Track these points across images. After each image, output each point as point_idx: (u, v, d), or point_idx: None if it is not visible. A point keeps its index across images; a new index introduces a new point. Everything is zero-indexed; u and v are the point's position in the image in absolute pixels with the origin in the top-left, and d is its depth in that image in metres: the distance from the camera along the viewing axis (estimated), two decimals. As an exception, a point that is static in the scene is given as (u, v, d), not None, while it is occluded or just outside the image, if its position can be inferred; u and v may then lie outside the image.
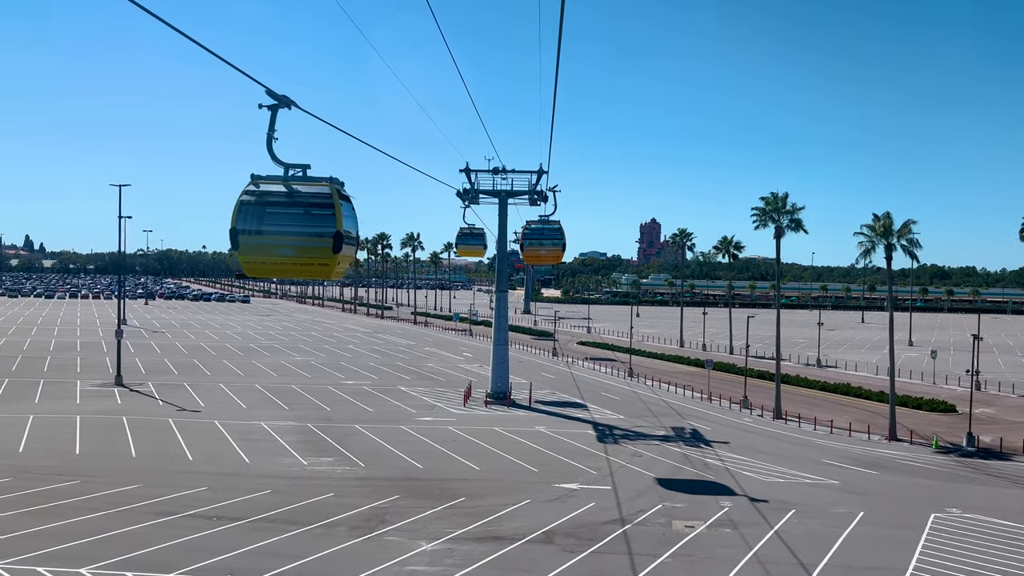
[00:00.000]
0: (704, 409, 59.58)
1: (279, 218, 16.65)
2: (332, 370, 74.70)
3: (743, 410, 58.98)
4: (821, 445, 48.11)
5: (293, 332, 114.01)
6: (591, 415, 55.72)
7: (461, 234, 67.44)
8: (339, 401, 58.19)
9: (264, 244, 16.69)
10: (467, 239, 67.54)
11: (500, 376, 59.26)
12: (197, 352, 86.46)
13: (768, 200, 55.75)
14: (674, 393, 66.58)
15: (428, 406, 57.04)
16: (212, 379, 67.31)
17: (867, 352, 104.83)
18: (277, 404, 56.57)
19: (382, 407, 56.31)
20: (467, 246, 68.43)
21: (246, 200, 16.83)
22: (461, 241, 68.03)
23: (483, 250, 69.43)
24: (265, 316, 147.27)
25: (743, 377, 74.10)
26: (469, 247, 68.53)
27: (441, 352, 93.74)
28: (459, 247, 69.65)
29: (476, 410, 56.11)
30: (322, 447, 43.52)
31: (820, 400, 65.08)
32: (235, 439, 44.92)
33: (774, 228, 56.01)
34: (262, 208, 16.73)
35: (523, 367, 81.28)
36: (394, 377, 71.39)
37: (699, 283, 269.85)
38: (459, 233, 67.55)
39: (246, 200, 16.83)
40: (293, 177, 17.00)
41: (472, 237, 67.26)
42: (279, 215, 16.65)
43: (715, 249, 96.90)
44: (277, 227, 16.62)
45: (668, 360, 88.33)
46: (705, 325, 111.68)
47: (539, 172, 57.90)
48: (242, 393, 60.59)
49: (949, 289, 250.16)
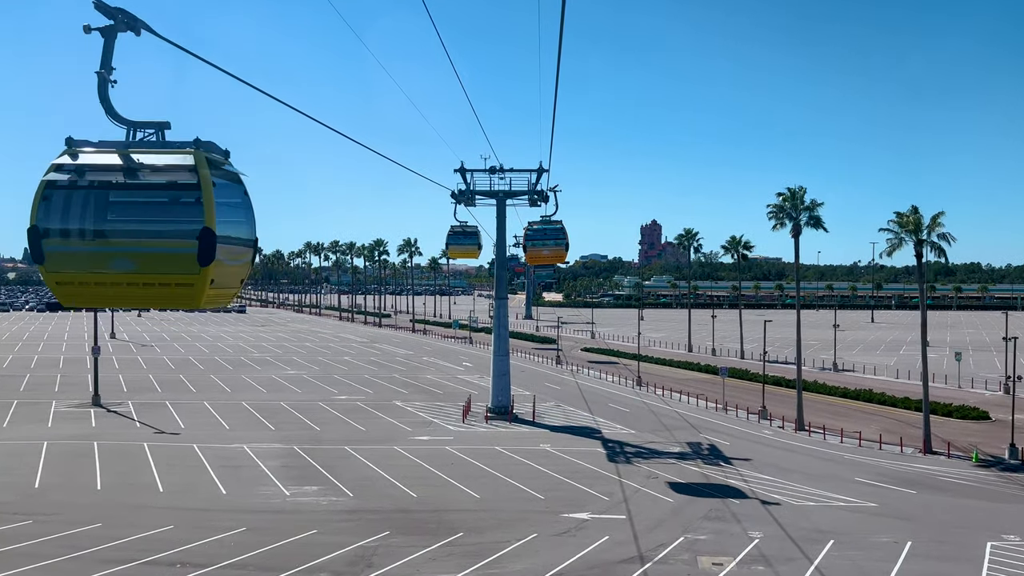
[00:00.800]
0: (720, 421, 55.80)
1: (112, 209, 10.79)
2: (325, 384, 70.96)
3: (762, 421, 55.20)
4: (851, 460, 44.29)
5: (287, 343, 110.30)
6: (600, 430, 51.95)
7: (452, 233, 61.95)
8: (330, 419, 54.44)
9: (85, 254, 10.95)
10: (459, 239, 61.98)
11: (501, 389, 55.50)
12: (184, 367, 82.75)
13: (785, 196, 52.01)
14: (686, 403, 62.78)
15: (425, 423, 53.28)
16: (197, 396, 63.57)
17: (883, 354, 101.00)
18: (263, 424, 52.84)
19: (375, 425, 52.57)
20: (459, 246, 62.74)
21: (55, 182, 11.05)
22: (453, 241, 62.26)
23: (477, 250, 63.87)
24: (260, 327, 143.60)
25: (759, 384, 70.23)
26: (462, 247, 62.96)
27: (440, 362, 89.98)
28: (450, 248, 63.64)
29: (476, 427, 52.34)
30: (307, 474, 39.75)
31: (842, 408, 61.28)
32: (213, 466, 41.17)
33: (791, 226, 52.26)
34: (80, 195, 10.84)
35: (526, 377, 77.52)
36: (390, 391, 67.65)
37: (703, 284, 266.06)
38: (450, 232, 61.99)
39: (55, 182, 11.05)
40: (137, 144, 11.33)
41: (465, 236, 61.77)
42: (112, 205, 10.82)
43: (723, 249, 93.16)
44: (108, 225, 10.77)
45: (677, 367, 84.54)
46: (714, 329, 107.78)
47: (539, 171, 54.29)
48: (227, 412, 56.87)
49: (957, 286, 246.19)
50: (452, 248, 63.30)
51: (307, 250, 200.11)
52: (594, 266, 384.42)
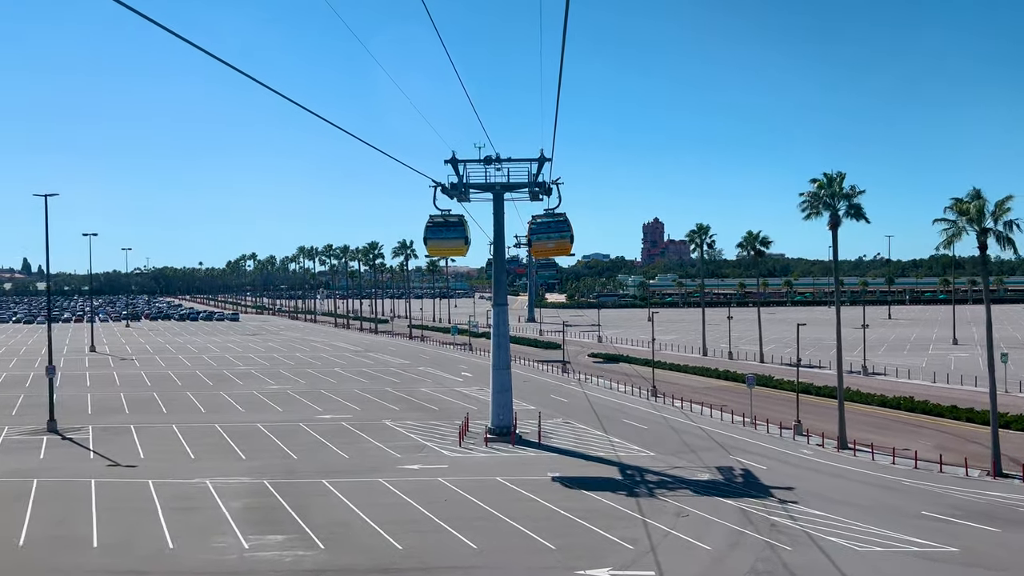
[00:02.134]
0: (750, 438, 49.52)
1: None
2: (310, 401, 64.77)
3: (797, 437, 48.93)
4: (911, 488, 38.01)
5: (276, 354, 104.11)
6: (615, 451, 45.72)
7: (432, 224, 51.08)
8: (309, 445, 48.25)
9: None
10: (440, 231, 51.05)
11: (502, 408, 49.27)
12: (161, 383, 76.63)
13: (820, 183, 45.67)
14: (708, 417, 56.50)
15: (416, 447, 47.07)
16: (166, 418, 57.46)
17: (911, 354, 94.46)
18: (234, 451, 46.69)
19: (361, 451, 46.37)
20: (440, 241, 51.51)
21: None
22: (432, 234, 51.16)
23: (463, 245, 52.21)
24: (250, 336, 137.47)
25: (785, 393, 64.26)
26: (444, 242, 51.74)
27: (437, 372, 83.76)
28: (429, 243, 51.98)
29: (474, 451, 46.11)
30: (274, 517, 33.56)
31: (882, 419, 55.05)
32: (165, 508, 34.99)
33: (828, 217, 45.98)
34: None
35: (530, 389, 71.28)
36: (380, 408, 61.46)
37: (709, 282, 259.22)
38: (429, 223, 51.13)
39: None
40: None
41: (447, 228, 50.99)
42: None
43: (739, 247, 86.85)
44: None
45: (693, 373, 78.28)
46: (730, 330, 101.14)
47: (540, 160, 48.08)
48: (196, 437, 50.75)
49: (971, 279, 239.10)
50: (432, 243, 51.76)
51: (301, 254, 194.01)
52: (597, 266, 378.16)
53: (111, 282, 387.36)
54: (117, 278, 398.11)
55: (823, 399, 61.99)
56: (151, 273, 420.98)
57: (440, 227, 50.93)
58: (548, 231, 51.60)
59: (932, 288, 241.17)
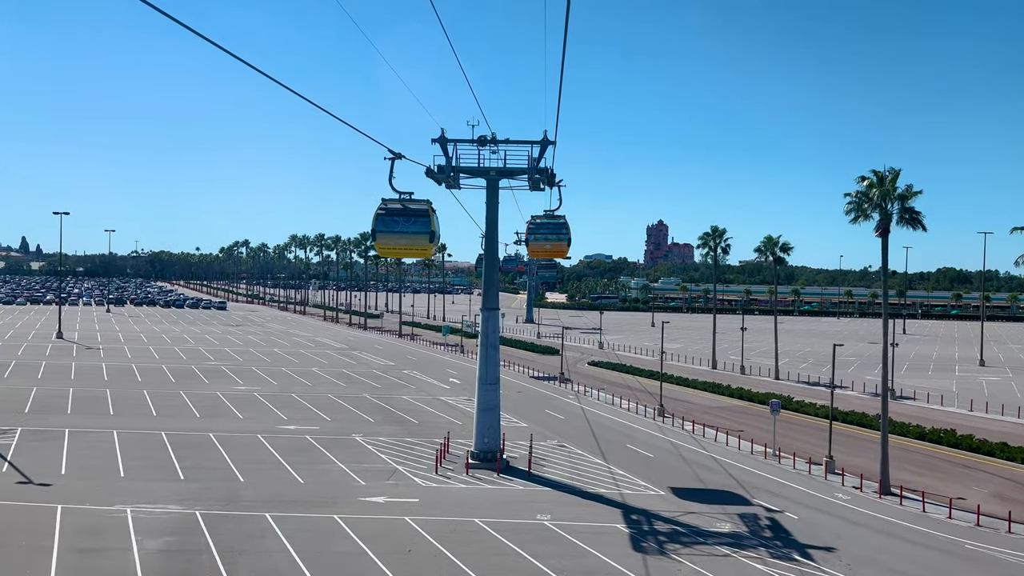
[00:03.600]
0: (772, 474, 42.68)
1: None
2: (277, 406, 57.99)
3: (830, 477, 42.06)
4: (979, 555, 31.14)
5: (254, 348, 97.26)
6: (617, 487, 38.94)
7: (384, 212, 38.84)
8: (263, 464, 41.46)
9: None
10: (395, 223, 38.71)
11: (487, 429, 42.40)
12: (121, 377, 69.88)
13: (871, 181, 38.73)
14: (723, 445, 49.62)
15: (385, 472, 40.27)
16: (109, 422, 50.71)
17: (936, 376, 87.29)
18: (173, 469, 39.94)
19: (320, 475, 39.58)
20: (395, 235, 38.86)
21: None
22: (384, 225, 38.83)
23: (426, 244, 39.28)
24: (233, 326, 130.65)
25: (809, 419, 57.62)
26: (399, 237, 38.88)
27: (422, 377, 76.89)
28: (380, 236, 39.28)
29: (452, 480, 39.30)
30: (191, 571, 26.79)
31: (923, 456, 48.21)
32: (64, 549, 28.30)
33: (877, 221, 39.09)
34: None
35: (523, 401, 64.46)
36: (353, 418, 54.67)
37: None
38: (379, 210, 38.98)
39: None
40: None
41: (405, 218, 38.61)
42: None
43: (757, 251, 80.00)
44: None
45: (703, 389, 71.38)
46: (743, 343, 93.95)
47: (542, 143, 41.17)
48: (135, 448, 44.04)
49: (986, 295, 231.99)
50: (383, 239, 38.93)
51: (292, 243, 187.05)
52: (599, 266, 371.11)
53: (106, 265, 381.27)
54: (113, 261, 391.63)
55: (852, 428, 55.22)
56: (147, 257, 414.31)
57: (396, 216, 38.60)
58: (546, 233, 51.28)
59: (943, 302, 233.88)
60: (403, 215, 38.84)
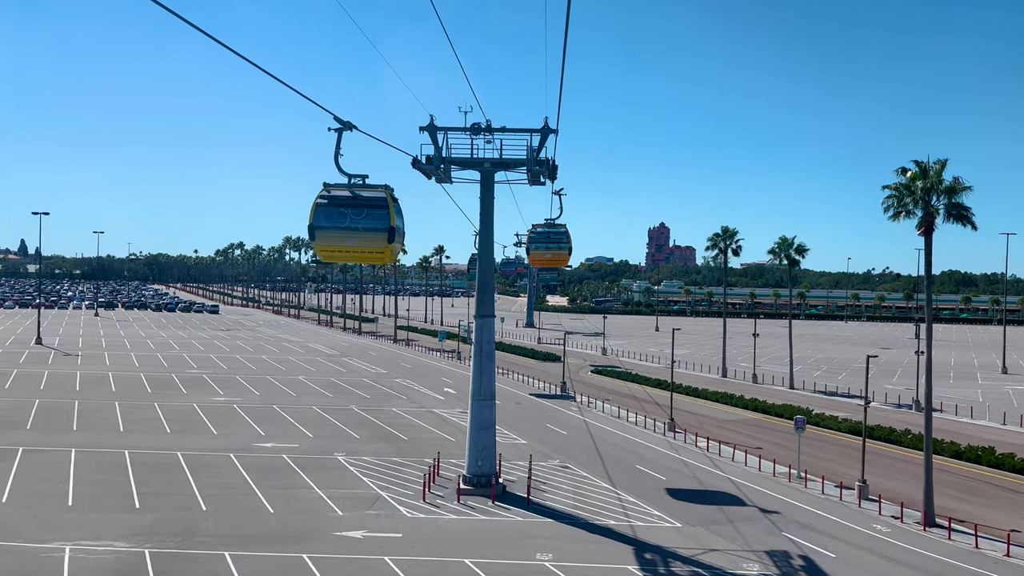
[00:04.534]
0: (799, 501, 38.26)
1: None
2: (256, 420, 53.64)
3: (864, 503, 37.63)
4: (1052, 604, 26.75)
5: (240, 355, 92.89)
6: (627, 517, 34.55)
7: (325, 202, 28.79)
8: (231, 489, 37.07)
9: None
10: (340, 215, 28.60)
11: (482, 451, 38.00)
12: (93, 387, 65.57)
13: (914, 173, 34.34)
14: (742, 465, 45.16)
15: (367, 500, 35.89)
16: (70, 439, 46.40)
17: (959, 385, 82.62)
18: (128, 496, 35.60)
19: (294, 502, 35.22)
20: (340, 233, 28.66)
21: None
22: (325, 220, 28.57)
23: (383, 244, 28.58)
24: (223, 331, 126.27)
25: (833, 434, 53.36)
26: (346, 235, 28.67)
27: (415, 386, 72.49)
28: (320, 235, 28.82)
29: (441, 509, 34.89)
30: (124, 631, 22.45)
31: (961, 477, 43.82)
32: (-22, 602, 23.96)
33: (920, 218, 34.72)
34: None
35: (522, 414, 60.10)
36: (337, 434, 50.30)
37: (718, 291, 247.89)
38: (319, 199, 28.76)
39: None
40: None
41: (354, 209, 28.54)
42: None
43: (770, 253, 75.68)
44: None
45: (714, 400, 66.94)
46: (755, 349, 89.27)
47: (543, 131, 36.79)
48: (91, 470, 39.76)
49: (995, 298, 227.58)
50: (324, 236, 28.64)
51: (287, 244, 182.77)
52: (600, 269, 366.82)
53: (103, 267, 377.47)
54: (110, 263, 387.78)
55: (880, 444, 50.76)
56: (144, 259, 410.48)
57: (343, 208, 28.10)
58: (547, 241, 51.72)
59: (951, 305, 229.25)
60: (352, 206, 28.16)
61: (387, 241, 28.46)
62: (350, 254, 29.61)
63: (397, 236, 28.70)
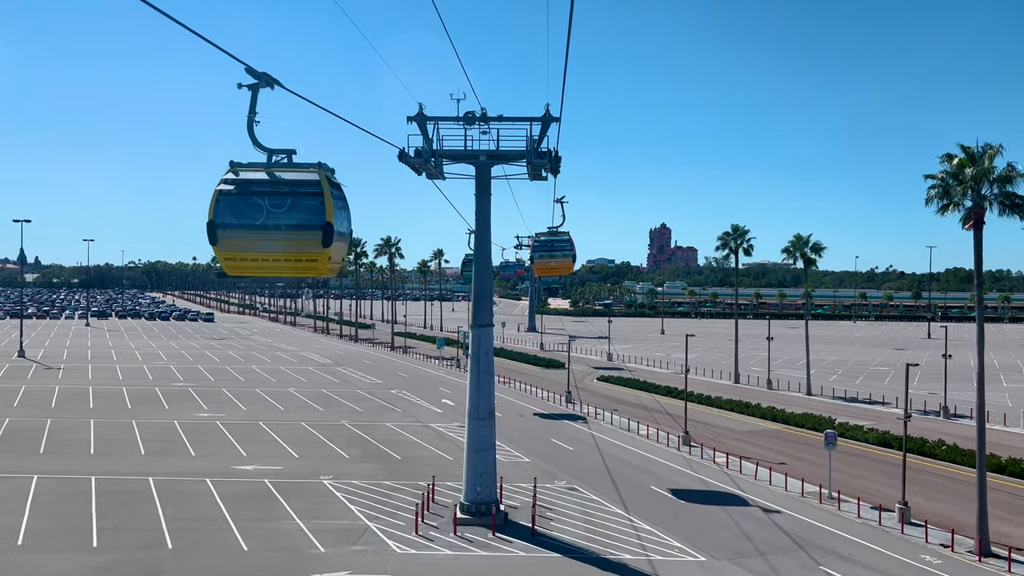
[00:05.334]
0: (833, 526, 34.41)
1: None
2: (239, 439, 49.86)
3: (907, 529, 33.80)
4: None
5: (230, 366, 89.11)
6: (644, 549, 30.76)
7: (234, 191, 18.89)
8: (203, 522, 33.29)
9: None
10: (252, 208, 18.75)
11: (480, 476, 34.24)
12: (70, 403, 61.86)
13: (962, 159, 30.58)
14: (766, 483, 41.32)
15: (352, 533, 32.11)
16: (35, 463, 42.73)
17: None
18: (87, 532, 31.83)
19: (271, 537, 31.46)
20: (254, 233, 18.83)
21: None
22: (231, 215, 18.78)
23: (317, 247, 18.77)
24: (215, 340, 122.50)
25: (860, 446, 49.57)
26: (261, 236, 18.80)
27: (412, 398, 68.70)
28: (223, 236, 18.91)
29: (435, 543, 31.10)
30: None
31: (1007, 494, 40.12)
32: None
33: (967, 210, 30.96)
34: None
35: (524, 427, 56.35)
36: (325, 453, 46.52)
37: (721, 291, 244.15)
38: (221, 188, 18.95)
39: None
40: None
41: (275, 198, 18.79)
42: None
43: (784, 252, 71.86)
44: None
45: (728, 409, 63.11)
46: (770, 353, 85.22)
47: (544, 119, 33.06)
48: (51, 500, 36.06)
49: (1005, 295, 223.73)
50: (229, 237, 18.86)
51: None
52: (602, 271, 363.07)
53: (102, 276, 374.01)
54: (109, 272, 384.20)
55: (913, 457, 46.75)
56: (143, 268, 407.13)
57: (254, 198, 18.89)
58: (551, 250, 52.24)
59: (961, 303, 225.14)
60: (272, 194, 18.80)
61: (322, 244, 18.71)
62: (268, 264, 19.22)
63: (338, 236, 19.10)
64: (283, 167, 19.33)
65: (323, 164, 19.34)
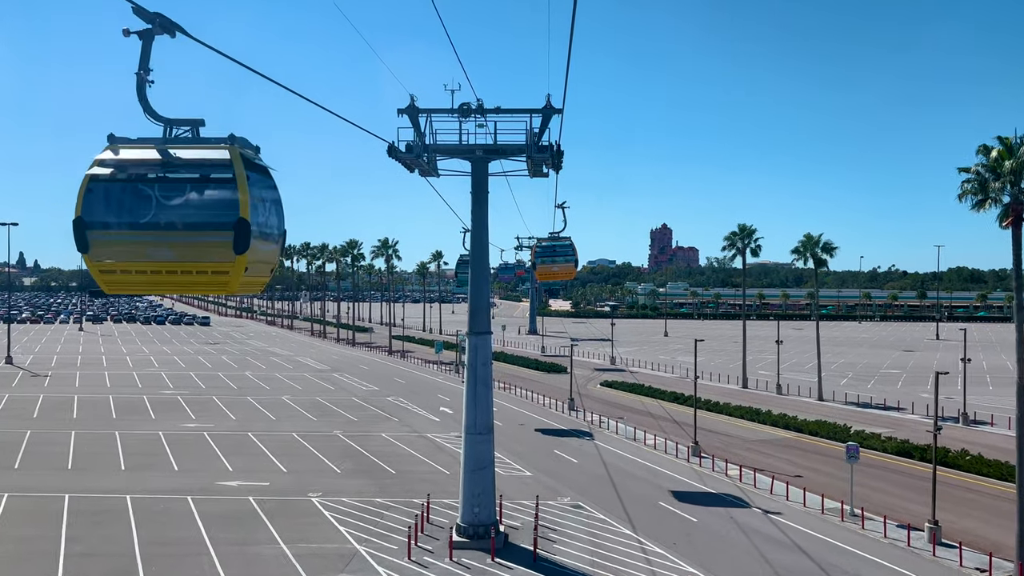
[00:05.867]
0: (859, 548, 31.95)
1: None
2: (225, 452, 47.42)
3: (939, 551, 31.35)
4: None
5: (223, 372, 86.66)
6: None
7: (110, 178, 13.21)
8: (179, 546, 30.87)
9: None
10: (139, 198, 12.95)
11: (477, 496, 31.82)
12: (53, 413, 59.48)
13: (1000, 151, 28.19)
14: (782, 498, 38.89)
15: (341, 558, 29.70)
16: (7, 480, 40.52)
17: (1000, 392, 75.71)
18: (53, 558, 29.49)
19: (251, 563, 29.08)
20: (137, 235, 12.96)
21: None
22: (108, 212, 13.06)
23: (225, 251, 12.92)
24: (209, 345, 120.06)
25: (880, 457, 47.09)
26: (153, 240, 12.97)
27: (409, 406, 66.26)
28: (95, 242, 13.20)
29: (428, 571, 28.70)
30: None
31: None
32: None
33: (1005, 206, 28.56)
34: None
35: (526, 438, 53.90)
36: (315, 467, 44.07)
37: (724, 292, 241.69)
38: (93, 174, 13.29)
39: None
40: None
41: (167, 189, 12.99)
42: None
43: (794, 253, 69.46)
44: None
45: (738, 416, 60.61)
46: (779, 357, 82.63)
47: (545, 111, 30.64)
48: (19, 521, 33.84)
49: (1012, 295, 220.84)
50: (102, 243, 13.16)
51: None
52: (603, 272, 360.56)
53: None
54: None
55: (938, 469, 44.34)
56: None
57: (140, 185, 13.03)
58: (554, 255, 53.43)
59: (966, 303, 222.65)
60: (163, 181, 13.15)
61: (234, 250, 12.98)
62: (161, 278, 13.41)
63: (259, 239, 13.47)
64: (182, 143, 13.35)
65: (238, 138, 13.41)
